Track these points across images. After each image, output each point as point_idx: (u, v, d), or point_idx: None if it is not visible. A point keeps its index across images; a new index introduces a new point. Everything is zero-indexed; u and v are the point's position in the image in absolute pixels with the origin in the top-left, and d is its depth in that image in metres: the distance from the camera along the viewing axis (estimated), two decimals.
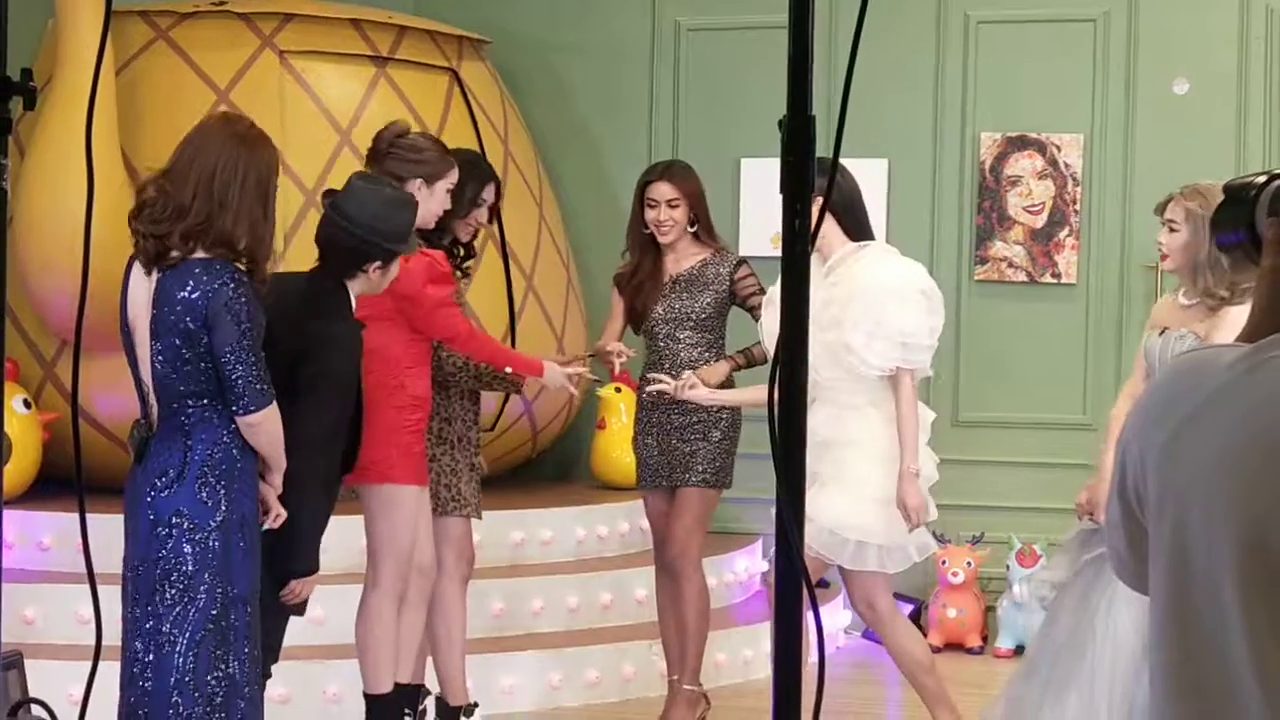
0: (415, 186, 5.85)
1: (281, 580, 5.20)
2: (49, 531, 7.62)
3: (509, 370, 6.22)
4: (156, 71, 8.38)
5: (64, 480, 7.96)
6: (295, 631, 5.46)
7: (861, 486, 5.98)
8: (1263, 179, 2.21)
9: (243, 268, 4.79)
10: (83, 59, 7.39)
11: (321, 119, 8.38)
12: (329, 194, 5.47)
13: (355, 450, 5.44)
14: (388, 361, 5.81)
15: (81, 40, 7.46)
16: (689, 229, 6.79)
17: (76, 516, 3.14)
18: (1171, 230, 5.52)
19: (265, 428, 4.81)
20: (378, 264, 5.37)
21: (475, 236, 6.46)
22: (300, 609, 5.34)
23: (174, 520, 4.71)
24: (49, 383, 8.26)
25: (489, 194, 6.37)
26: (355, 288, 5.38)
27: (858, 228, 6.14)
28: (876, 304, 5.96)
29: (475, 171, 6.38)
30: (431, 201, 5.89)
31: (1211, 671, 1.94)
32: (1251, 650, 1.90)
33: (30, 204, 7.52)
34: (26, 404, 8.09)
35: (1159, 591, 2.01)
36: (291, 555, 5.17)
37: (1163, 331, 5.58)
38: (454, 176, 5.97)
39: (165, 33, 8.47)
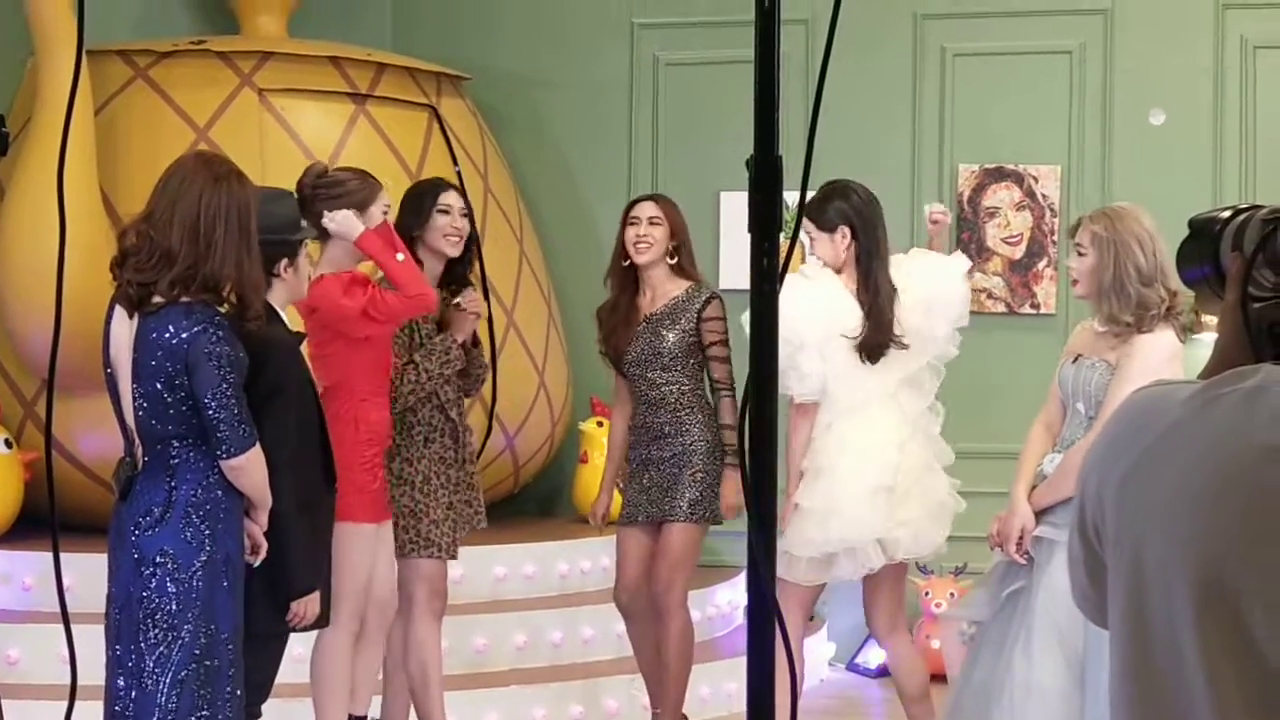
0: (326, 217, 5.86)
1: (283, 606, 5.21)
2: (31, 571, 7.61)
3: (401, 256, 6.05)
4: (135, 110, 8.39)
5: (46, 520, 7.94)
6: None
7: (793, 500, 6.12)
8: (1227, 213, 2.22)
9: (224, 310, 4.80)
10: (61, 98, 7.39)
11: (301, 156, 8.36)
12: None
13: (330, 460, 5.44)
14: (342, 396, 5.83)
15: (61, 79, 7.46)
16: (669, 260, 6.77)
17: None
18: (1080, 254, 5.41)
19: (249, 470, 4.82)
20: (285, 261, 5.33)
21: (468, 253, 6.45)
22: (323, 620, 5.34)
23: (158, 559, 4.72)
24: (29, 421, 8.25)
25: (448, 199, 6.37)
26: (277, 298, 5.33)
27: (867, 255, 6.24)
28: None
29: (423, 185, 6.38)
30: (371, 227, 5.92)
31: (1170, 708, 1.95)
32: (1209, 687, 1.91)
33: (10, 243, 7.52)
34: (7, 443, 8.09)
35: (1117, 627, 2.02)
36: (284, 579, 5.18)
37: (1076, 359, 5.52)
38: (384, 199, 5.99)
39: (144, 71, 8.48)
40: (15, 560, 7.70)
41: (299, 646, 6.07)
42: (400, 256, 5.91)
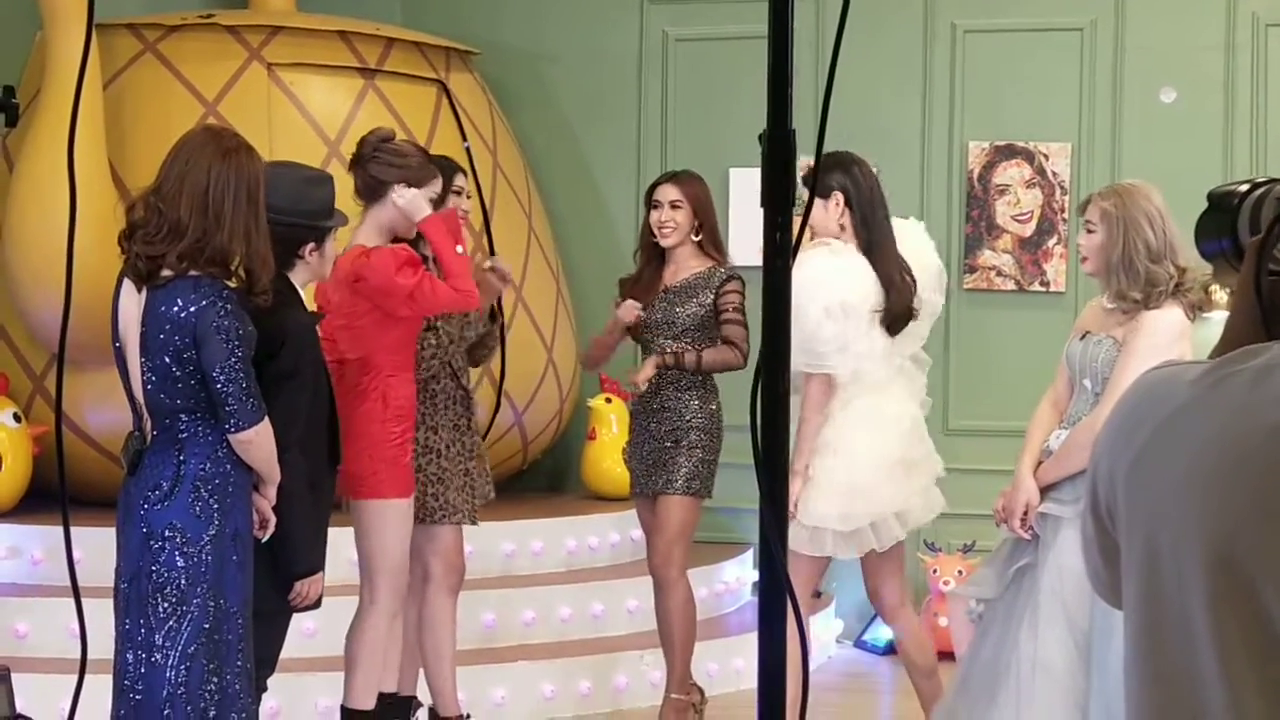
0: (400, 190, 5.85)
1: (285, 585, 5.21)
2: (40, 545, 7.62)
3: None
4: (144, 84, 8.38)
5: (54, 494, 7.92)
6: (286, 643, 5.46)
7: (812, 475, 6.08)
8: (1245, 187, 2.21)
9: (233, 285, 4.79)
10: (70, 72, 7.38)
11: (310, 131, 8.38)
12: None
13: (336, 440, 5.43)
14: (370, 370, 5.81)
15: (69, 53, 7.45)
16: (693, 238, 6.80)
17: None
18: (1089, 231, 5.38)
19: (258, 444, 4.82)
20: (311, 245, 5.32)
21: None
22: (315, 604, 5.35)
23: (167, 533, 4.72)
24: (38, 396, 8.25)
25: (460, 180, 6.37)
26: (298, 277, 5.33)
27: (865, 225, 6.20)
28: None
29: (437, 165, 6.38)
30: (411, 208, 5.89)
31: (1182, 687, 1.95)
32: (1221, 666, 1.90)
33: (19, 217, 7.53)
34: (16, 417, 8.09)
35: (1131, 609, 2.01)
36: (289, 558, 5.18)
37: (1084, 335, 5.49)
38: (437, 185, 5.98)
39: (153, 45, 8.47)
40: (24, 534, 7.71)
41: (309, 621, 6.08)
42: (460, 249, 5.89)
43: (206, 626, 4.73)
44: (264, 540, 5.00)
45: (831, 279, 6.14)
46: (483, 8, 10.00)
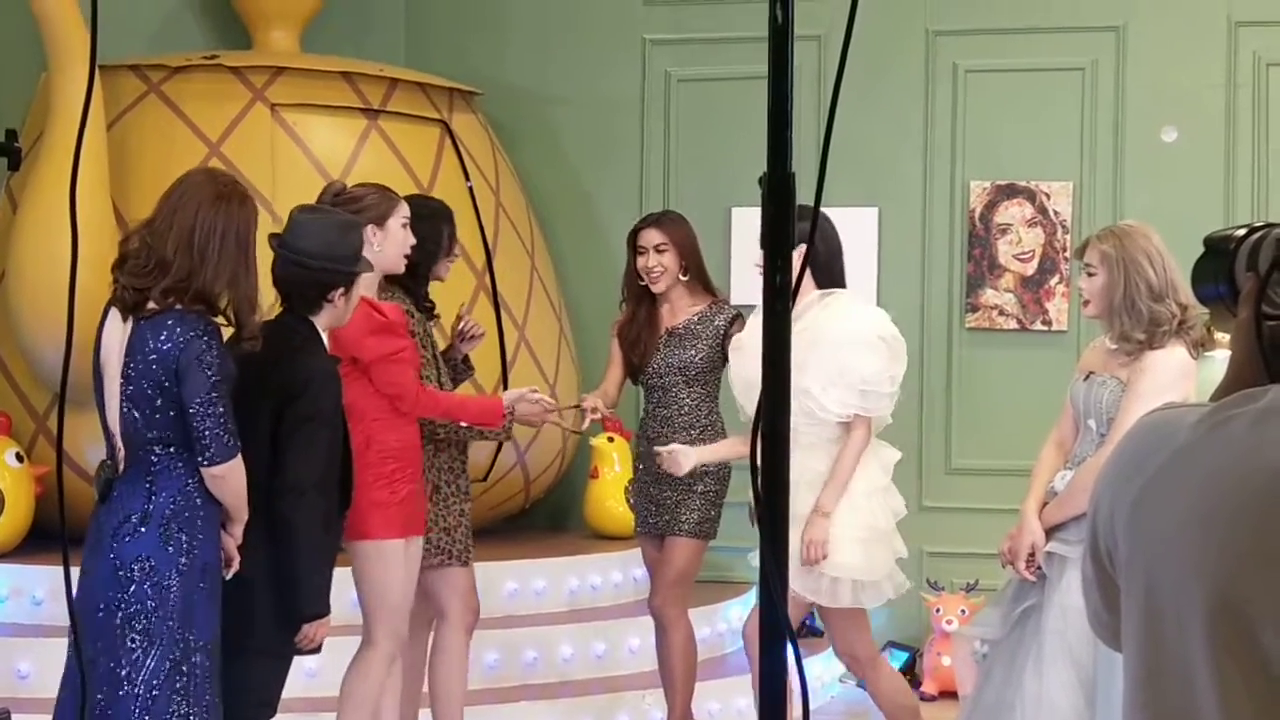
0: (369, 233, 5.86)
1: (293, 627, 5.20)
2: (41, 585, 7.60)
3: (465, 425, 6.16)
4: (148, 125, 8.40)
5: (57, 534, 7.93)
6: (289, 684, 5.45)
7: (833, 523, 6.03)
8: (1242, 232, 2.22)
9: (218, 321, 4.84)
10: (74, 112, 7.41)
11: (313, 171, 8.39)
12: (274, 236, 5.44)
13: (350, 486, 5.43)
14: (355, 417, 5.82)
15: (73, 94, 7.48)
16: (681, 277, 6.79)
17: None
18: (1089, 275, 5.41)
19: (229, 480, 4.85)
20: (340, 290, 5.35)
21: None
22: (316, 649, 5.34)
23: (135, 565, 4.75)
24: (41, 435, 8.25)
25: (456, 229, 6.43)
26: (323, 321, 5.36)
27: (830, 279, 6.19)
28: (839, 352, 6.01)
29: (442, 211, 6.39)
30: (389, 242, 5.90)
31: None
32: (1222, 708, 1.90)
33: (22, 257, 7.54)
34: (19, 457, 8.09)
35: (1131, 650, 2.01)
36: (299, 601, 5.17)
37: (1088, 376, 5.51)
38: (404, 211, 5.97)
39: (157, 86, 8.50)
40: (26, 574, 7.70)
41: (311, 661, 6.07)
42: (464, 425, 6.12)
43: (173, 659, 4.75)
44: (227, 578, 5.00)
45: (885, 319, 6.17)
46: (485, 48, 10.04)
